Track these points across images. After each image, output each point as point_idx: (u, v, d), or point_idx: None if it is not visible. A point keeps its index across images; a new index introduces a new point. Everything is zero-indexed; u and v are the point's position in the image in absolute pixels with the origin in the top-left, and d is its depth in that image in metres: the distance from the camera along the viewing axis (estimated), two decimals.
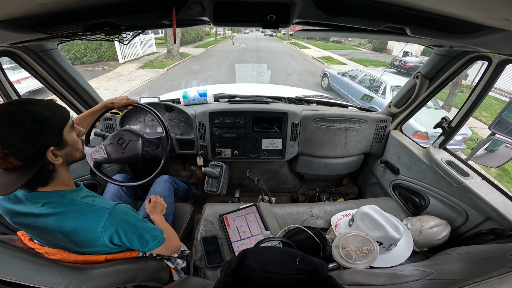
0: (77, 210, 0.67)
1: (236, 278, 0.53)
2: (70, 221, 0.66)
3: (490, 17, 0.52)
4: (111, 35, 0.77)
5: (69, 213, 0.66)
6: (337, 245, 0.96)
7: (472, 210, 1.08)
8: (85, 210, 0.68)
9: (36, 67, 1.18)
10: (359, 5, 0.72)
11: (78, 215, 0.67)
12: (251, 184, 1.55)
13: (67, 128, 0.67)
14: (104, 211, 0.68)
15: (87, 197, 0.71)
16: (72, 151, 0.70)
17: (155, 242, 0.79)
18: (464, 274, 0.65)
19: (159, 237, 0.80)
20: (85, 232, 0.68)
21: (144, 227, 0.77)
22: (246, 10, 0.82)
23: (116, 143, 1.25)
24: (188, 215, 1.35)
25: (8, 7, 0.55)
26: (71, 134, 0.70)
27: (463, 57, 1.11)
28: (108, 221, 0.68)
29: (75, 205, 0.67)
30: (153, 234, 0.79)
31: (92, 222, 0.67)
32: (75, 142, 0.71)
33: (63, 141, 0.66)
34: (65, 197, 0.67)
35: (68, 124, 0.68)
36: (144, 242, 0.76)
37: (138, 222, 0.76)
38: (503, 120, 0.99)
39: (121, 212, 0.72)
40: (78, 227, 0.67)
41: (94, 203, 0.69)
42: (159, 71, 9.04)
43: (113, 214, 0.69)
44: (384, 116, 1.64)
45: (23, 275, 0.54)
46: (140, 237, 0.75)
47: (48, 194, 0.66)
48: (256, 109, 1.58)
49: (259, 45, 16.73)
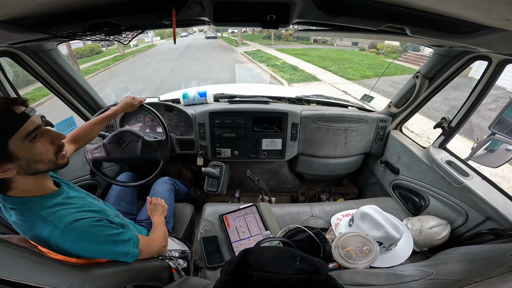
0: (30, 221, 0.63)
1: (236, 277, 0.53)
2: (27, 231, 0.64)
3: (490, 17, 0.52)
4: (111, 35, 0.77)
5: (25, 223, 0.63)
6: (337, 245, 0.96)
7: (472, 210, 1.08)
8: (37, 224, 0.63)
9: (36, 67, 1.18)
10: (359, 5, 0.71)
11: (31, 227, 0.63)
12: (251, 184, 1.55)
13: (16, 139, 0.56)
14: (55, 230, 0.62)
15: (53, 207, 0.65)
16: (30, 164, 0.60)
17: (127, 258, 0.75)
18: (464, 274, 0.65)
19: (130, 253, 0.75)
20: (45, 245, 0.64)
21: (108, 244, 0.70)
22: (245, 10, 0.82)
23: (116, 142, 1.25)
24: (188, 216, 1.35)
25: (8, 7, 0.55)
26: (26, 145, 0.58)
27: (463, 57, 1.11)
28: (59, 240, 0.62)
29: (30, 215, 0.63)
30: (120, 251, 0.73)
31: (43, 237, 0.62)
32: (32, 155, 0.60)
33: (8, 155, 0.56)
34: (25, 205, 0.63)
35: (19, 133, 0.57)
36: (114, 258, 0.73)
37: (100, 240, 0.68)
38: (503, 119, 0.98)
39: (77, 231, 0.64)
40: (33, 239, 0.64)
41: (49, 218, 0.63)
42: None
43: (65, 234, 0.63)
44: (384, 116, 1.64)
45: (27, 275, 0.54)
46: (105, 255, 0.71)
47: (13, 200, 0.63)
48: (256, 109, 1.58)
49: (181, 66, 11.21)
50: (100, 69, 11.64)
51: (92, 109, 1.51)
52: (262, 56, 13.62)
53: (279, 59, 12.64)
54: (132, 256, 0.76)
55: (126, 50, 17.48)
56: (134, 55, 16.57)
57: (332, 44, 20.17)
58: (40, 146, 0.62)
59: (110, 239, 0.71)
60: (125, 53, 16.45)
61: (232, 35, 25.78)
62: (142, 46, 20.96)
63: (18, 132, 0.57)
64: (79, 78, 1.37)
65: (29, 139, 0.59)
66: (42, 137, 0.63)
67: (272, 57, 13.39)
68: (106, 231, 0.71)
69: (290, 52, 14.83)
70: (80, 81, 1.38)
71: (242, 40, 21.19)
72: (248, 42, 21.40)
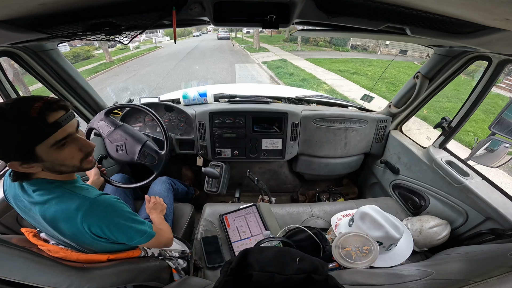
0: (60, 196, 0.65)
1: (236, 278, 0.53)
2: (52, 207, 0.64)
3: (490, 17, 0.52)
4: (111, 35, 0.77)
5: (52, 199, 0.64)
6: (337, 245, 0.96)
7: (472, 210, 1.08)
8: (67, 197, 0.65)
9: (36, 67, 1.18)
10: (359, 5, 0.72)
11: (59, 201, 0.64)
12: (251, 184, 1.55)
13: (43, 146, 0.59)
14: (85, 201, 0.65)
15: (77, 187, 0.68)
16: (54, 166, 0.63)
17: (143, 237, 0.76)
18: (464, 274, 0.65)
19: (146, 232, 0.77)
20: (66, 222, 0.65)
21: (129, 221, 0.73)
22: (246, 10, 0.83)
23: (116, 141, 1.24)
24: (188, 215, 1.35)
25: (8, 7, 0.55)
26: (52, 152, 0.61)
27: (463, 57, 1.11)
28: (87, 212, 0.64)
29: (60, 191, 0.65)
30: (139, 229, 0.75)
31: (71, 211, 0.64)
32: (57, 160, 0.62)
33: (34, 157, 0.59)
34: (52, 184, 0.66)
35: (47, 142, 0.59)
36: (129, 237, 0.74)
37: (123, 216, 0.71)
38: (503, 120, 0.98)
39: (104, 204, 0.67)
40: (58, 215, 0.64)
41: (78, 192, 0.66)
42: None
43: (94, 205, 0.65)
44: (384, 116, 1.64)
45: (26, 274, 0.54)
46: (124, 232, 0.72)
47: (38, 182, 0.65)
48: (256, 109, 1.58)
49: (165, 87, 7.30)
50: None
51: (92, 109, 1.51)
52: (293, 74, 8.68)
53: (321, 81, 7.95)
54: (148, 236, 0.77)
55: (122, 54, 15.12)
56: (126, 61, 13.44)
57: (375, 51, 14.94)
58: (67, 152, 0.64)
59: (130, 217, 0.74)
60: (113, 60, 13.28)
61: (247, 35, 22.41)
62: (143, 49, 18.06)
63: (46, 140, 0.58)
64: (79, 78, 1.37)
65: (57, 146, 0.61)
66: (72, 144, 0.64)
67: (309, 76, 8.49)
68: (126, 209, 0.74)
69: (329, 64, 9.99)
70: (80, 81, 1.38)
71: (259, 44, 16.30)
72: (266, 45, 16.83)
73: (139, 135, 1.28)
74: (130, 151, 1.24)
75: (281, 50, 14.50)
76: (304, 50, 15.45)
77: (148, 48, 18.65)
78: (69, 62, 1.31)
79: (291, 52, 14.08)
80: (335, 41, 16.48)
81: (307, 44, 17.12)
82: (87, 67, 12.09)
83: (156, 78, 9.11)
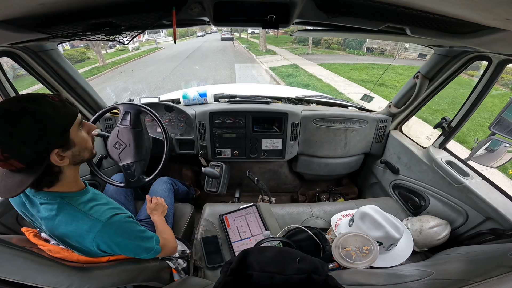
0: (70, 215, 0.64)
1: (236, 278, 0.53)
2: (61, 226, 0.64)
3: (490, 17, 0.51)
4: (111, 35, 0.77)
5: (61, 218, 0.64)
6: (337, 245, 0.96)
7: (472, 210, 1.08)
8: (78, 218, 0.64)
9: (36, 67, 1.18)
10: (359, 5, 0.71)
11: (70, 221, 0.64)
12: (251, 184, 1.55)
13: (74, 127, 0.62)
14: (97, 223, 0.65)
15: (88, 202, 0.68)
16: (80, 151, 0.66)
17: (149, 254, 0.78)
18: (464, 274, 0.65)
19: (154, 249, 0.78)
20: (76, 239, 0.66)
21: (138, 240, 0.74)
22: (246, 10, 0.82)
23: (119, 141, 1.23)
24: (188, 216, 1.35)
25: (8, 7, 0.55)
26: (79, 133, 0.65)
27: (463, 57, 1.11)
28: (99, 234, 0.65)
29: (70, 209, 0.65)
30: (146, 247, 0.77)
31: (82, 231, 0.64)
32: (83, 142, 0.66)
33: (69, 142, 0.62)
34: (63, 200, 0.65)
35: (76, 122, 0.63)
36: (136, 254, 0.76)
37: (132, 235, 0.72)
38: (503, 120, 0.98)
39: (115, 225, 0.68)
40: (69, 233, 0.65)
41: (89, 212, 0.66)
42: None
43: (105, 228, 0.65)
44: (384, 116, 1.64)
45: (26, 275, 0.54)
46: (133, 250, 0.74)
47: (49, 195, 0.64)
48: (256, 109, 1.58)
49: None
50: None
51: (92, 109, 1.51)
52: (308, 85, 7.39)
53: (344, 96, 6.46)
54: (154, 252, 0.79)
55: (119, 56, 13.92)
56: (121, 65, 12.24)
57: (392, 55, 13.12)
58: (84, 134, 0.68)
59: (139, 235, 0.75)
60: (107, 64, 12.26)
61: (252, 36, 20.59)
62: (142, 50, 17.15)
63: (77, 119, 0.64)
64: (79, 78, 1.37)
65: (80, 126, 0.66)
66: (84, 127, 0.68)
67: (328, 88, 7.22)
68: (136, 227, 0.74)
69: (347, 72, 8.78)
70: (80, 81, 1.38)
71: (266, 46, 14.68)
72: (273, 47, 15.11)
73: (142, 151, 1.24)
74: (122, 156, 1.22)
75: (290, 53, 12.78)
76: (316, 53, 13.32)
77: (147, 49, 17.62)
78: (69, 62, 1.31)
79: (301, 55, 12.37)
80: (349, 43, 14.46)
81: (318, 46, 14.92)
82: (79, 71, 11.28)
83: (149, 85, 8.20)
